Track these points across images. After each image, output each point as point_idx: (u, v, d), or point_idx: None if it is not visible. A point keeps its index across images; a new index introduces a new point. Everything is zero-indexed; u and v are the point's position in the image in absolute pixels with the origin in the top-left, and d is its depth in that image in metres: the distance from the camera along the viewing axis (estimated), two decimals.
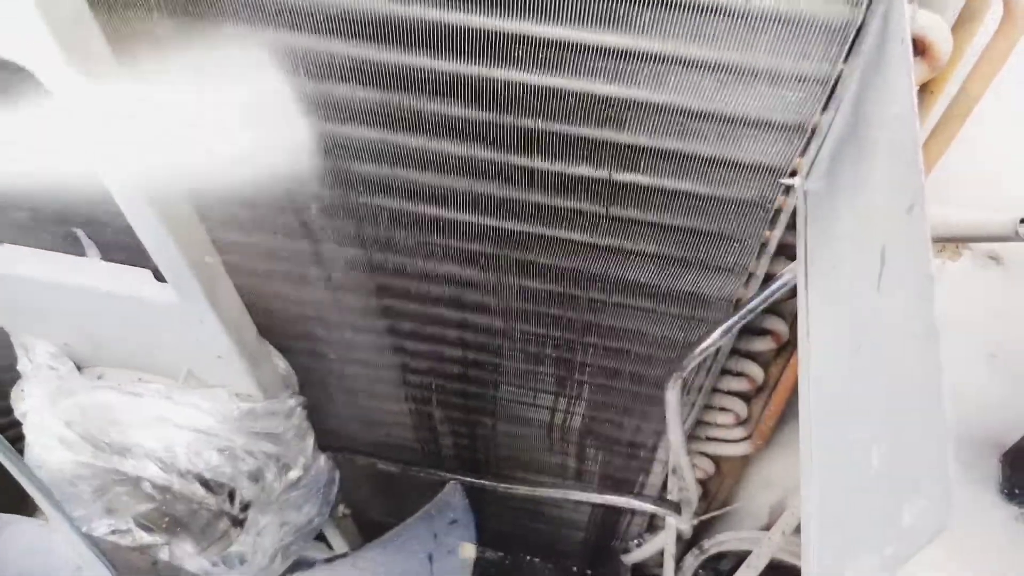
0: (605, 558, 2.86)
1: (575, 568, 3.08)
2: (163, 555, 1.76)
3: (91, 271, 1.45)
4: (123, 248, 1.51)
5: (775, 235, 1.27)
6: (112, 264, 1.44)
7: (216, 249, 1.39)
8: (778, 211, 1.23)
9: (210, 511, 1.70)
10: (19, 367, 1.67)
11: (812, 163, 1.12)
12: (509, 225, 1.40)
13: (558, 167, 1.25)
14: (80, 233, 1.70)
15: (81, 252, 1.65)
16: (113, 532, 1.67)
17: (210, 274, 1.34)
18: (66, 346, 1.63)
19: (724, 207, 1.24)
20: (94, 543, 1.56)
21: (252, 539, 2.02)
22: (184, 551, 1.76)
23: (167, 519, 1.69)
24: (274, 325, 1.79)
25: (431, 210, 1.41)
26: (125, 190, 1.12)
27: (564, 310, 1.59)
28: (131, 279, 1.40)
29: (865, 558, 0.66)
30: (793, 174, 1.15)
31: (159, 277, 1.36)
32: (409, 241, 1.50)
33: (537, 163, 1.25)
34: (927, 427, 0.57)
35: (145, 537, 1.69)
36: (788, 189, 1.19)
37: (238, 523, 1.77)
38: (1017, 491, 0.89)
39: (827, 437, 0.81)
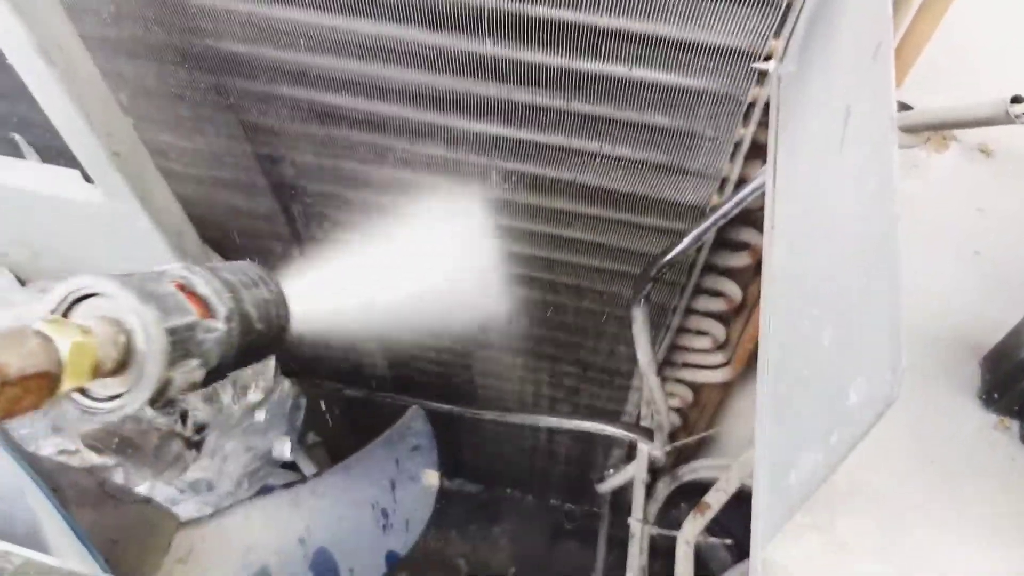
0: (584, 491, 2.83)
1: (553, 501, 3.06)
2: (116, 477, 1.70)
3: (21, 171, 1.36)
4: (60, 154, 1.42)
5: (748, 132, 1.16)
6: (42, 164, 1.35)
7: (148, 151, 1.29)
8: (751, 105, 1.12)
9: (160, 432, 1.63)
10: None
11: (786, 45, 1.01)
12: (465, 125, 1.30)
13: (512, 52, 1.14)
14: (18, 138, 1.60)
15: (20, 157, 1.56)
16: (61, 452, 1.61)
17: (139, 173, 1.24)
18: (4, 256, 1.54)
19: (695, 100, 1.13)
20: (38, 463, 1.50)
21: (218, 465, 1.96)
22: (138, 474, 1.70)
23: (116, 439, 1.62)
24: (226, 240, 1.70)
25: (384, 106, 1.31)
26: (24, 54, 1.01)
27: (534, 222, 1.49)
28: (59, 179, 1.31)
29: (808, 455, 0.58)
30: (767, 59, 1.04)
31: (87, 178, 1.27)
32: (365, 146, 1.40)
33: (489, 48, 1.14)
34: (878, 293, 0.48)
35: (94, 458, 1.63)
36: (762, 79, 1.08)
37: (192, 445, 1.71)
38: (996, 395, 0.81)
39: (782, 324, 0.72)
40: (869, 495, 0.73)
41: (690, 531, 1.44)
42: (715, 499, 1.47)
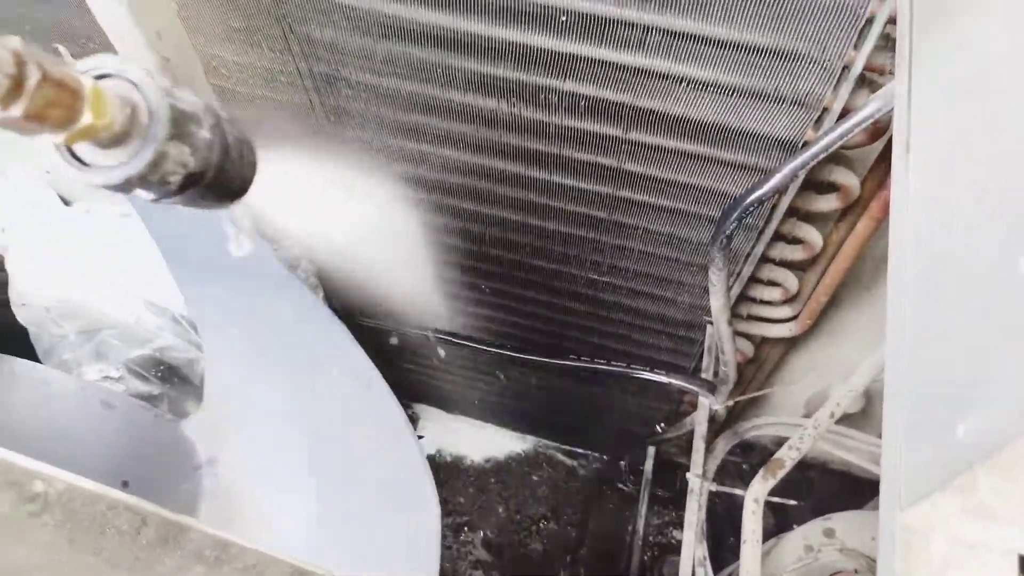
0: (629, 444, 2.77)
1: (597, 454, 3.01)
2: (161, 406, 1.67)
3: None
4: None
5: (862, 54, 1.04)
6: None
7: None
8: (869, 20, 1.00)
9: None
10: None
11: None
12: (525, 39, 1.19)
13: None
14: (62, 50, 1.53)
15: None
16: (105, 378, 1.57)
17: (189, 84, 1.15)
18: (48, 174, 1.49)
19: (804, 14, 1.01)
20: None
21: None
22: (183, 403, 1.67)
23: (162, 367, 1.59)
24: None
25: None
26: None
27: (602, 155, 1.39)
28: None
29: (988, 407, 0.48)
30: None
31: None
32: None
33: None
34: None
35: (139, 385, 1.59)
36: None
37: None
38: None
39: (931, 263, 0.62)
40: (1020, 452, 0.63)
41: (760, 490, 1.36)
42: (788, 456, 1.39)
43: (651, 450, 2.58)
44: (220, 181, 0.74)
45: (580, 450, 3.00)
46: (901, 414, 0.61)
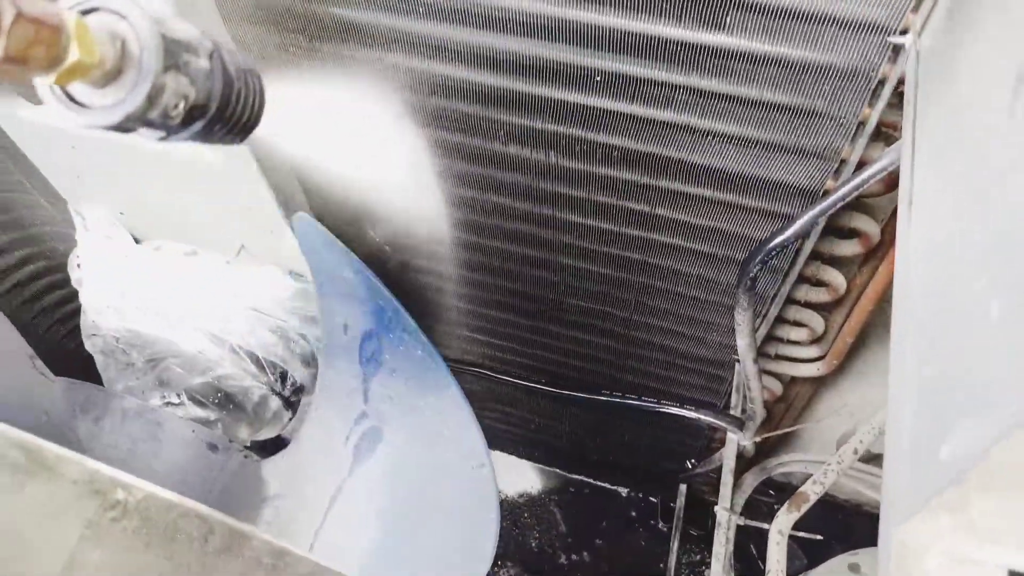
0: (660, 482, 2.80)
1: (628, 491, 3.04)
2: (216, 430, 1.78)
3: None
4: None
5: (875, 112, 1.12)
6: None
7: None
8: (881, 82, 1.09)
9: (262, 390, 1.69)
10: (76, 236, 1.67)
11: (927, 17, 0.97)
12: (563, 96, 1.29)
13: (626, 22, 1.13)
14: None
15: None
16: (167, 404, 1.69)
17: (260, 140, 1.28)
18: (122, 215, 1.62)
19: (821, 76, 1.10)
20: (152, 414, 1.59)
21: None
22: (235, 428, 1.77)
23: (219, 394, 1.70)
24: (328, 211, 1.74)
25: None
26: None
27: (633, 201, 1.48)
28: None
29: (966, 430, 0.55)
30: (903, 32, 1.00)
31: None
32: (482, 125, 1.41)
33: (605, 17, 1.13)
34: None
35: (197, 411, 1.70)
36: (895, 55, 1.04)
37: (289, 405, 1.77)
38: None
39: (924, 302, 0.69)
40: (1012, 474, 0.69)
41: (784, 522, 1.41)
42: (812, 491, 1.44)
43: (682, 488, 2.61)
44: (227, 111, 0.72)
45: (612, 487, 3.04)
46: (900, 438, 0.68)
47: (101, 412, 1.60)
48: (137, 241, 1.69)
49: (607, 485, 3.04)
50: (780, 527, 1.40)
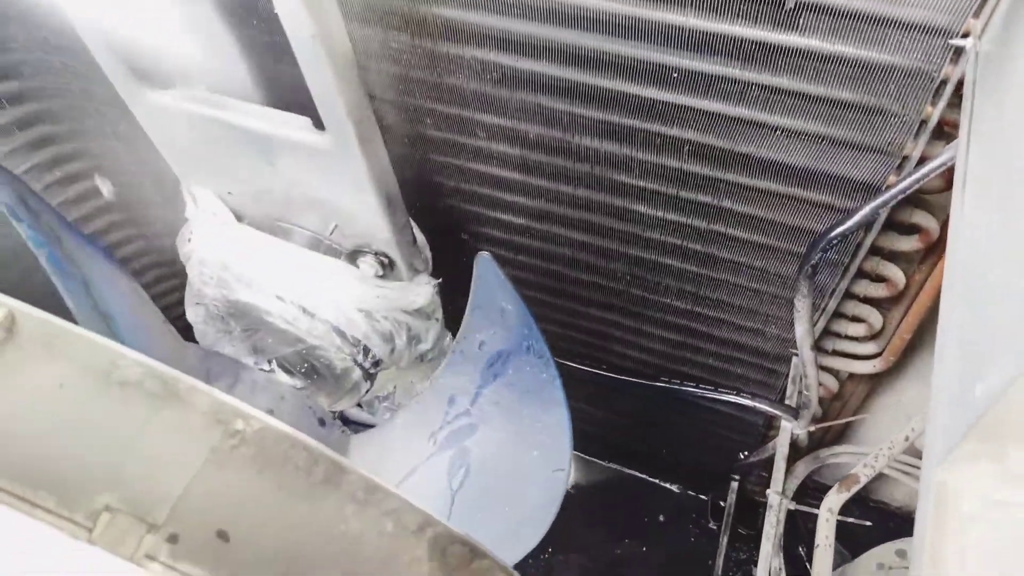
0: (712, 479, 2.86)
1: (679, 488, 3.10)
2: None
3: (258, 114, 1.55)
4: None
5: (937, 110, 1.20)
6: (276, 110, 1.54)
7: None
8: (943, 83, 1.16)
9: (345, 362, 1.83)
10: (186, 213, 1.84)
11: (986, 23, 1.05)
12: (641, 91, 1.40)
13: (702, 22, 1.23)
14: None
15: None
16: (259, 369, 1.84)
17: (365, 126, 1.41)
18: (229, 195, 1.78)
19: (887, 75, 1.18)
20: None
21: None
22: (316, 396, 1.92)
23: (306, 364, 1.84)
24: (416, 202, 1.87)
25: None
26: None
27: (700, 193, 1.57)
28: (293, 124, 1.49)
29: (998, 368, 0.64)
30: (965, 36, 1.08)
31: (318, 125, 1.45)
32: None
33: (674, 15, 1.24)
34: None
35: (285, 379, 1.85)
36: (956, 57, 1.12)
37: (368, 377, 1.90)
38: None
39: (974, 262, 0.78)
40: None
41: (835, 501, 1.48)
42: (863, 473, 1.50)
43: (734, 485, 2.67)
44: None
45: (663, 483, 3.10)
46: (942, 389, 0.76)
47: (232, 380, 1.77)
48: (239, 218, 1.84)
49: (658, 481, 3.10)
50: (830, 505, 1.46)
